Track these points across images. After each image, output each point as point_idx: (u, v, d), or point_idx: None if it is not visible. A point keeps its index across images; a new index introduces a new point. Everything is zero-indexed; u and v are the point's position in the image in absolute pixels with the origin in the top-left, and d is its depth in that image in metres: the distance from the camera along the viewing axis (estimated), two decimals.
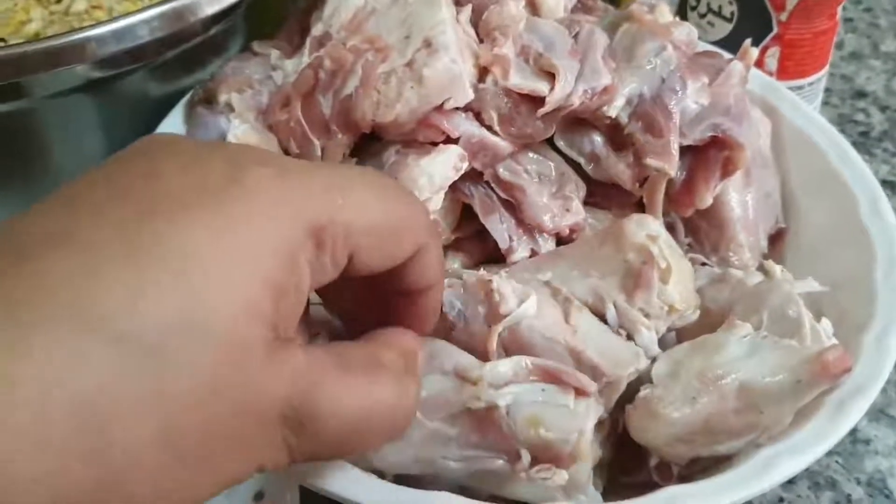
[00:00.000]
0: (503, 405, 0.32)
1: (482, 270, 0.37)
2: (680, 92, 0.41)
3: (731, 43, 0.55)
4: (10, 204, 0.49)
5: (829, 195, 0.45)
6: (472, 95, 0.39)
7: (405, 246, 0.29)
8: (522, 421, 0.32)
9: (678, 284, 0.37)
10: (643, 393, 0.34)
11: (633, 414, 0.34)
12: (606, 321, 0.36)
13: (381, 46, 0.40)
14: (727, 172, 0.42)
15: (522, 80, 0.40)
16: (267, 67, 0.46)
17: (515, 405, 0.32)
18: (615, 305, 0.36)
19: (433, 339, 0.35)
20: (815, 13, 0.56)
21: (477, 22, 0.42)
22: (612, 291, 0.37)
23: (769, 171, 0.47)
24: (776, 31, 0.56)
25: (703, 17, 0.59)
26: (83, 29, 0.43)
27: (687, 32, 0.44)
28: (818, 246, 0.45)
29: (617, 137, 0.42)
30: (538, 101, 0.40)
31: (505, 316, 0.35)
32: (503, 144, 0.40)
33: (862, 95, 0.71)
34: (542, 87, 0.40)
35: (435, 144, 0.39)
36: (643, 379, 0.35)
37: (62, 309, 0.22)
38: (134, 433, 0.22)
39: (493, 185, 0.41)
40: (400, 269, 0.30)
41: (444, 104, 0.39)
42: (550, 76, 0.40)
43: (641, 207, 0.42)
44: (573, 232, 0.41)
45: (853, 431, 0.47)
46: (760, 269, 0.39)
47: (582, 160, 0.42)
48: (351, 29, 0.43)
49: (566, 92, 0.39)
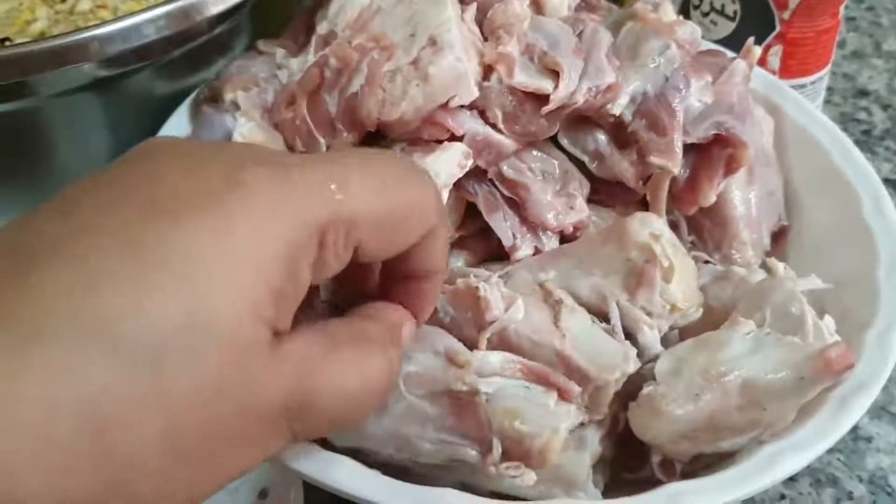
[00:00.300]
0: (485, 392, 0.32)
1: (473, 274, 0.37)
2: (683, 90, 0.41)
3: (734, 41, 0.55)
4: (16, 203, 0.49)
5: (831, 193, 0.45)
6: (476, 93, 0.40)
7: (412, 232, 0.29)
8: (500, 411, 0.32)
9: (681, 283, 0.37)
10: (646, 390, 0.34)
11: (636, 411, 0.34)
12: (609, 320, 0.36)
13: (386, 45, 0.40)
14: (730, 170, 0.42)
15: (527, 78, 0.40)
16: (272, 66, 0.46)
17: (497, 395, 0.32)
18: (618, 304, 0.36)
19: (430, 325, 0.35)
20: (817, 12, 0.56)
21: (482, 20, 0.43)
22: (614, 290, 0.37)
23: (772, 169, 0.47)
24: (779, 29, 0.57)
25: (706, 15, 0.59)
26: (89, 28, 0.43)
27: (690, 31, 0.44)
28: (821, 244, 0.45)
29: (621, 135, 0.42)
30: (542, 99, 0.40)
31: (491, 322, 0.35)
32: (507, 142, 0.40)
33: (864, 94, 0.71)
34: (546, 85, 0.40)
35: (440, 142, 0.40)
36: (646, 376, 0.35)
37: (64, 318, 0.22)
38: (137, 435, 0.22)
39: (497, 182, 0.41)
40: (406, 252, 0.30)
41: (448, 102, 0.39)
42: (555, 74, 0.40)
43: (645, 205, 0.42)
44: (577, 230, 0.41)
45: (855, 429, 0.47)
46: (763, 266, 0.39)
47: (586, 158, 0.42)
48: (356, 27, 0.43)
49: (570, 90, 0.39)
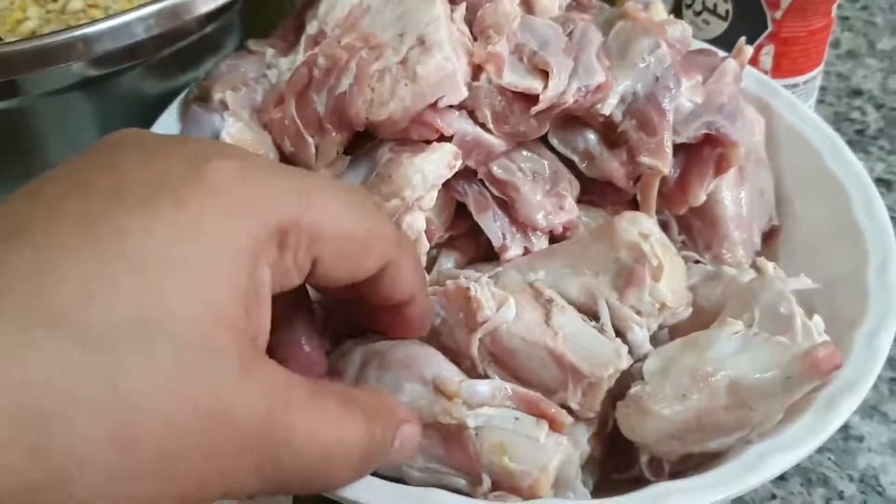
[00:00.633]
0: (473, 426, 0.32)
1: (463, 276, 0.37)
2: (674, 90, 0.41)
3: (725, 41, 0.55)
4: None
5: (822, 193, 0.45)
6: (465, 93, 0.39)
7: (371, 259, 0.29)
8: (489, 446, 0.32)
9: (670, 282, 0.37)
10: (634, 390, 0.34)
11: (623, 411, 0.34)
12: (598, 319, 0.36)
13: (375, 44, 0.40)
14: (721, 170, 0.42)
15: (516, 78, 0.40)
16: (262, 65, 0.46)
17: (485, 428, 0.32)
18: (607, 303, 0.36)
19: (422, 344, 0.35)
20: (809, 11, 0.56)
21: (471, 20, 0.42)
22: (604, 289, 0.37)
23: (763, 168, 0.47)
24: (771, 29, 0.56)
25: (698, 14, 0.59)
26: (78, 27, 0.43)
27: (681, 30, 0.44)
28: (812, 244, 0.45)
29: (611, 135, 0.42)
30: (532, 99, 0.40)
31: (482, 323, 0.35)
32: (497, 142, 0.40)
33: (858, 93, 0.71)
34: (535, 85, 0.40)
35: (429, 142, 0.39)
36: (635, 376, 0.35)
37: (15, 302, 0.22)
38: (82, 431, 0.22)
39: (486, 183, 0.41)
40: (370, 283, 0.30)
41: (437, 102, 0.39)
42: (544, 74, 0.40)
43: (635, 205, 0.42)
44: (567, 230, 0.41)
45: (845, 428, 0.47)
46: (753, 266, 0.39)
47: (576, 158, 0.42)
48: (346, 27, 0.43)
49: (560, 90, 0.39)
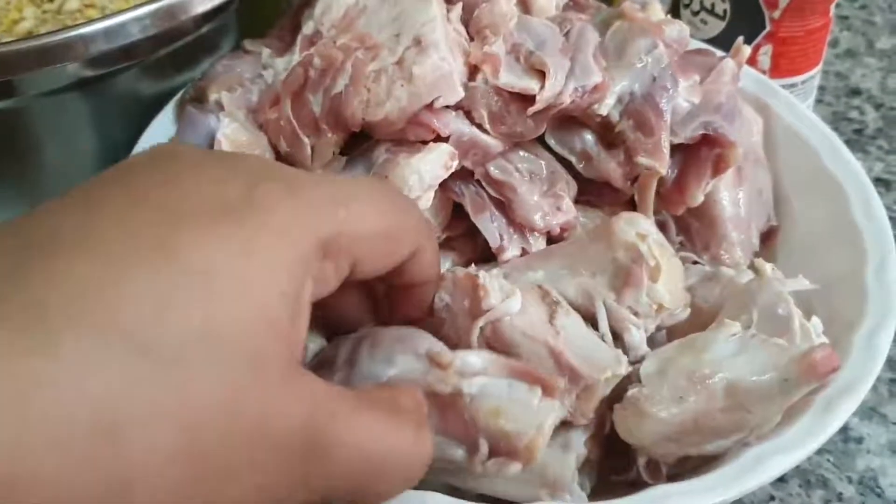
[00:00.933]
0: (468, 393, 0.32)
1: (472, 268, 0.37)
2: (671, 90, 0.41)
3: (723, 41, 0.55)
4: (2, 202, 0.49)
5: (821, 193, 0.45)
6: (462, 94, 0.39)
7: (403, 249, 0.31)
8: (484, 411, 0.32)
9: (668, 283, 0.37)
10: (631, 392, 0.34)
11: (620, 413, 0.34)
12: (595, 320, 0.36)
13: (371, 45, 0.40)
14: (718, 170, 0.42)
15: (513, 78, 0.40)
16: (258, 66, 0.46)
17: (479, 396, 0.32)
18: (605, 304, 0.36)
19: (412, 327, 0.35)
20: (808, 11, 0.56)
21: (468, 20, 0.42)
22: (601, 290, 0.37)
23: (761, 169, 0.47)
24: (769, 28, 0.56)
25: (695, 14, 0.59)
26: (74, 27, 0.43)
27: (678, 30, 0.44)
28: (810, 244, 0.45)
29: (608, 136, 0.41)
30: (529, 99, 0.39)
31: (487, 310, 0.35)
32: (494, 143, 0.40)
33: (856, 93, 0.71)
34: (532, 85, 0.39)
35: (425, 143, 0.39)
36: (632, 378, 0.35)
37: (91, 315, 0.22)
38: (150, 442, 0.22)
39: (483, 183, 0.41)
40: (398, 269, 0.31)
41: (434, 102, 0.39)
42: (541, 74, 0.40)
43: (633, 206, 0.42)
44: (564, 231, 0.41)
45: (844, 430, 0.47)
46: (751, 267, 0.39)
47: (573, 158, 0.42)
48: (342, 27, 0.43)
49: (556, 90, 0.39)
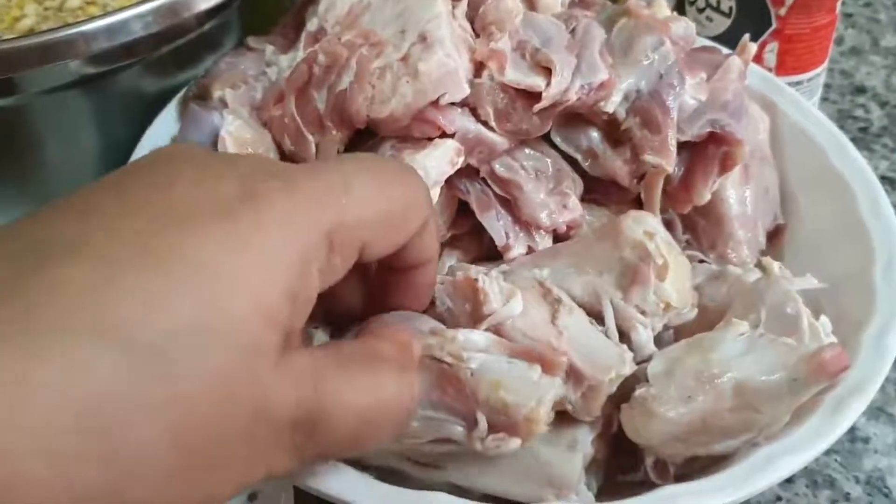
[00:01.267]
0: (469, 367, 0.32)
1: (474, 269, 0.37)
2: (678, 87, 0.41)
3: (729, 38, 0.54)
4: (3, 200, 0.49)
5: (828, 191, 0.45)
6: (467, 90, 0.39)
7: (410, 226, 0.30)
8: (485, 383, 0.32)
9: (675, 281, 0.36)
10: (638, 392, 0.34)
11: (628, 413, 0.34)
12: (602, 319, 0.36)
13: (375, 41, 0.40)
14: (725, 168, 0.42)
15: (519, 75, 0.39)
16: (261, 63, 0.46)
17: (481, 370, 0.32)
18: (611, 303, 0.36)
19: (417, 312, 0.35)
20: (814, 8, 0.55)
21: (473, 16, 0.42)
22: (608, 288, 0.36)
23: (768, 167, 0.47)
24: (775, 26, 0.56)
25: (701, 11, 0.59)
26: (76, 24, 0.42)
27: (685, 27, 0.43)
28: (817, 243, 0.45)
29: (614, 133, 0.41)
30: (534, 96, 0.39)
31: (488, 315, 0.34)
32: (499, 140, 0.40)
33: (861, 91, 0.70)
34: (538, 82, 0.39)
35: (430, 139, 0.39)
36: (639, 377, 0.34)
37: (79, 318, 0.23)
38: (144, 436, 0.23)
39: (489, 181, 0.40)
40: (403, 246, 0.31)
41: (439, 99, 0.38)
42: (547, 71, 0.39)
43: (639, 204, 0.42)
44: (570, 229, 0.41)
45: (852, 430, 0.47)
46: (758, 265, 0.39)
47: (579, 156, 0.42)
48: (346, 24, 0.42)
49: (562, 87, 0.39)
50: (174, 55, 0.48)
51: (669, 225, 0.43)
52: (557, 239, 0.41)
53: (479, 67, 0.40)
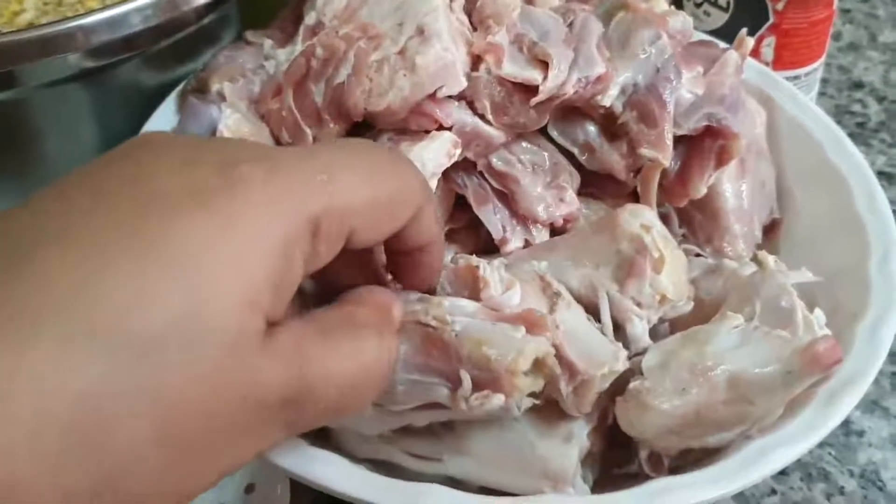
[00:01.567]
0: (453, 330, 0.32)
1: (475, 259, 0.37)
2: (674, 81, 0.41)
3: (726, 32, 0.55)
4: (3, 193, 0.49)
5: (824, 186, 0.45)
6: (464, 84, 0.39)
7: (402, 213, 0.30)
8: (468, 341, 0.32)
9: (671, 274, 0.36)
10: (633, 385, 0.34)
11: (622, 406, 0.34)
12: (598, 311, 0.36)
13: (373, 34, 0.40)
14: (721, 162, 0.42)
15: (516, 68, 0.40)
16: (260, 57, 0.46)
17: (465, 331, 0.32)
18: (608, 295, 0.36)
19: None
20: (811, 2, 0.55)
21: (471, 10, 0.42)
22: (604, 281, 0.36)
23: (764, 161, 0.47)
24: (772, 20, 0.56)
25: (699, 6, 0.59)
26: (75, 17, 0.43)
27: (682, 21, 0.43)
28: (813, 236, 0.45)
29: (611, 127, 0.41)
30: (532, 90, 0.39)
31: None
32: (496, 134, 0.40)
33: (859, 86, 0.70)
34: (535, 75, 0.39)
35: (428, 133, 0.39)
36: (634, 370, 0.35)
37: (55, 321, 0.23)
38: (133, 432, 0.23)
39: (486, 175, 0.41)
40: (398, 232, 0.31)
41: (436, 92, 0.39)
42: (544, 65, 0.39)
43: (636, 198, 0.42)
44: (567, 222, 0.41)
45: (846, 423, 0.47)
46: (754, 259, 0.39)
47: (576, 150, 0.42)
48: (344, 17, 0.43)
49: (559, 81, 0.39)
50: (173, 49, 0.48)
51: (666, 218, 0.43)
52: (554, 232, 0.41)
53: (476, 61, 0.40)
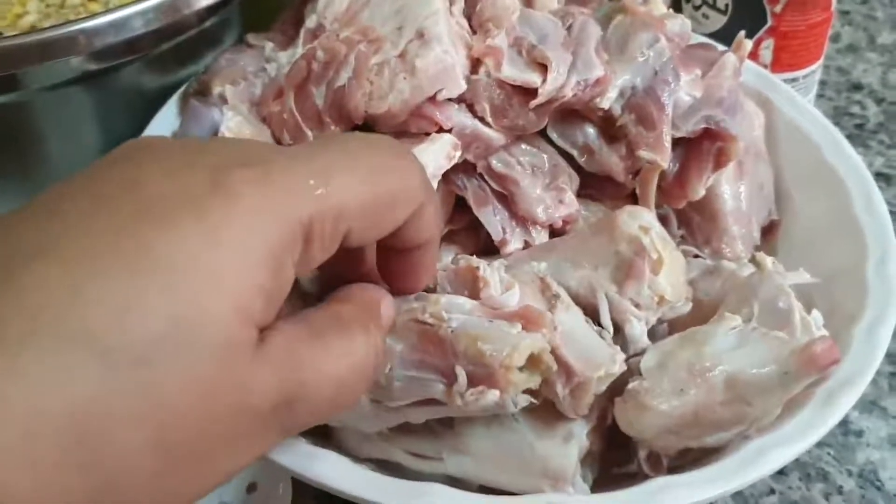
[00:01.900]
0: (450, 325, 0.32)
1: (475, 259, 0.37)
2: (673, 84, 0.41)
3: (725, 35, 0.55)
4: (5, 195, 0.49)
5: (822, 188, 0.45)
6: (464, 87, 0.39)
7: (400, 213, 0.29)
8: (464, 337, 0.32)
9: (670, 276, 0.37)
10: (632, 385, 0.34)
11: (621, 406, 0.34)
12: (597, 312, 0.36)
13: (374, 38, 0.40)
14: (720, 164, 0.42)
15: (515, 71, 0.40)
16: (261, 60, 0.46)
17: (461, 327, 0.32)
18: (606, 296, 0.36)
19: None
20: (809, 5, 0.56)
21: (470, 13, 0.42)
22: (603, 282, 0.37)
23: (762, 163, 0.47)
24: (770, 23, 0.56)
25: (697, 9, 0.59)
26: (78, 21, 0.43)
27: (680, 24, 0.44)
28: (811, 238, 0.45)
29: (610, 129, 0.42)
30: (531, 92, 0.40)
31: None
32: (496, 136, 0.40)
33: (858, 88, 0.71)
34: (534, 78, 0.40)
35: (428, 135, 0.39)
36: (633, 371, 0.35)
37: (50, 326, 0.22)
38: (126, 443, 0.23)
39: (486, 177, 0.41)
40: (397, 230, 0.30)
41: (436, 95, 0.39)
42: (543, 68, 0.40)
43: (634, 199, 0.42)
44: (566, 224, 0.41)
45: (845, 423, 0.47)
46: (752, 261, 0.39)
47: (575, 152, 0.42)
48: (345, 20, 0.43)
49: (558, 84, 0.39)
50: (175, 52, 0.48)
51: (664, 220, 0.43)
52: (553, 234, 0.41)
53: (475, 64, 0.40)
